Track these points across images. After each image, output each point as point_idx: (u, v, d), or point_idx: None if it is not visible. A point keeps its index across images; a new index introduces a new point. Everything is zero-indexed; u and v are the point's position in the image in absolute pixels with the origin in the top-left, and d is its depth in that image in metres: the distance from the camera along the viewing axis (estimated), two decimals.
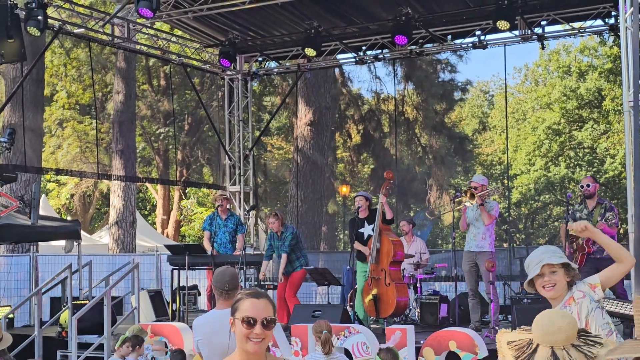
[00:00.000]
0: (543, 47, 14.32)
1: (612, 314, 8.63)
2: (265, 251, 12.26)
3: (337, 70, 25.59)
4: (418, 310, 11.91)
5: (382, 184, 11.08)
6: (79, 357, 10.54)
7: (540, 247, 4.55)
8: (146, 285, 15.74)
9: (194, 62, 16.66)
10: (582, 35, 15.42)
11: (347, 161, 31.55)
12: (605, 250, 10.12)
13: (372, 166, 30.16)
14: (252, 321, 3.35)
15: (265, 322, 3.37)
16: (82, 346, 10.75)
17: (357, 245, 11.03)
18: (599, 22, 13.63)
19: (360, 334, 9.19)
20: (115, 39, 14.42)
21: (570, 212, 10.75)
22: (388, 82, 25.49)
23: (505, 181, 35.23)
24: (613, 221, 10.10)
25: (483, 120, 42.01)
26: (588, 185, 10.40)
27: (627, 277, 10.83)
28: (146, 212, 36.01)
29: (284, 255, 11.58)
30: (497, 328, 10.15)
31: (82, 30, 13.99)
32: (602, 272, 4.60)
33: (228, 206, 12.92)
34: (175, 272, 12.07)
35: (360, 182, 32.13)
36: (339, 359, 7.03)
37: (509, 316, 11.54)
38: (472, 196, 10.37)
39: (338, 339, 9.16)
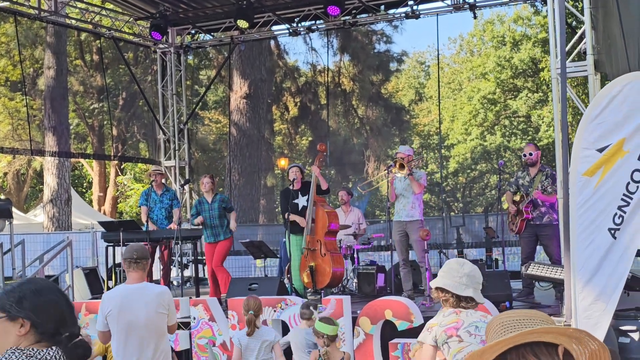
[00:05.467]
0: (475, 17, 14.39)
1: (542, 279, 8.77)
2: (191, 217, 12.13)
3: (272, 42, 25.44)
4: (355, 280, 11.95)
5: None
6: None
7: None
8: (83, 263, 15.53)
9: (126, 36, 16.37)
10: (515, 4, 15.53)
11: (285, 134, 31.49)
12: (545, 217, 10.32)
13: (309, 138, 30.16)
14: None
15: None
16: None
17: (294, 217, 10.98)
18: None
19: (297, 305, 9.19)
20: (43, 13, 14.08)
21: (513, 179, 10.89)
22: (324, 53, 25.39)
23: (443, 151, 35.59)
24: (551, 189, 10.24)
25: (419, 90, 42.26)
26: (530, 154, 10.53)
27: None
28: (82, 190, 35.50)
29: (233, 212, 11.59)
30: (432, 296, 10.26)
31: (7, 3, 13.62)
32: None
33: (163, 181, 12.75)
34: (110, 248, 11.91)
35: (298, 155, 32.09)
36: (264, 335, 7.00)
37: None
38: (402, 167, 10.41)
39: (275, 311, 9.15)
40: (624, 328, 7.47)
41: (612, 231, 5.99)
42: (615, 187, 5.98)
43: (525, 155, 10.63)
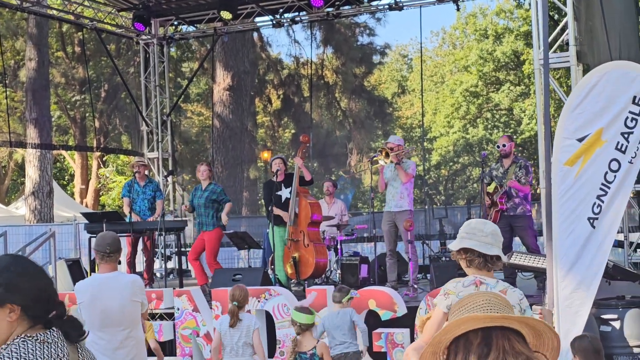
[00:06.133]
0: (458, 9, 14.45)
1: (524, 269, 8.83)
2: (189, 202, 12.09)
3: (255, 35, 25.42)
4: (339, 271, 11.98)
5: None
6: None
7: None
8: (66, 255, 15.48)
9: (109, 27, 16.29)
10: None
11: (268, 126, 31.46)
12: (519, 208, 10.39)
13: (292, 131, 30.15)
14: None
15: None
16: None
17: (277, 211, 11.00)
18: None
19: (281, 295, 9.23)
20: (25, 3, 14.00)
21: (487, 170, 10.98)
22: (307, 46, 25.37)
23: (425, 144, 35.67)
24: (524, 180, 10.33)
25: (402, 83, 42.31)
26: (504, 145, 10.62)
27: (541, 233, 11.13)
28: (64, 182, 35.34)
29: (227, 204, 11.48)
30: (415, 286, 10.31)
31: None
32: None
33: (146, 172, 12.72)
34: (93, 240, 11.85)
35: (281, 147, 32.08)
36: (246, 322, 7.03)
37: (428, 275, 11.72)
38: (387, 155, 10.45)
39: (259, 301, 9.18)
40: (605, 317, 7.54)
41: (591, 220, 6.05)
42: (594, 176, 6.04)
43: (499, 147, 10.73)
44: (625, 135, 6.03)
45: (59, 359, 2.60)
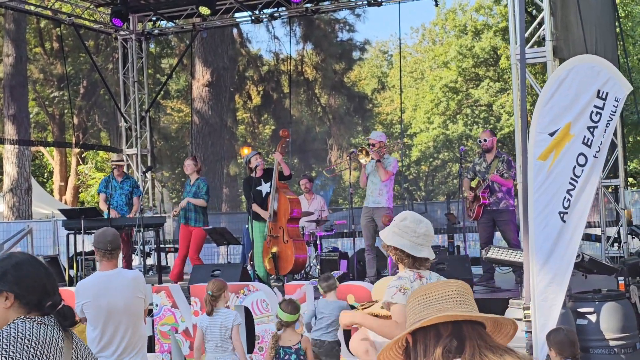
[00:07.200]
0: (437, 4, 14.49)
1: (501, 263, 8.88)
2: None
3: (235, 30, 25.37)
4: (318, 267, 12.00)
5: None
6: None
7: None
8: (44, 252, 15.42)
9: (87, 23, 16.21)
10: None
11: (248, 122, 31.40)
12: (502, 202, 10.44)
13: (272, 127, 30.09)
14: None
15: None
16: None
17: (256, 208, 11.00)
18: None
19: (260, 291, 9.23)
20: None
21: (470, 165, 11.02)
22: (287, 42, 25.37)
23: (405, 139, 35.71)
24: (507, 174, 10.38)
25: (382, 79, 42.33)
26: (485, 140, 10.68)
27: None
28: (43, 180, 35.12)
29: (201, 201, 11.46)
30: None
31: None
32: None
33: (125, 170, 12.76)
34: (72, 236, 11.83)
35: (261, 144, 32.03)
36: (223, 316, 7.04)
37: None
38: (367, 153, 10.48)
39: (237, 297, 9.17)
40: (581, 310, 7.60)
41: (562, 215, 6.09)
42: (564, 171, 6.08)
43: (481, 142, 10.77)
44: (591, 130, 6.08)
45: (55, 340, 2.83)
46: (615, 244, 11.65)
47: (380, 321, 4.46)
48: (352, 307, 8.85)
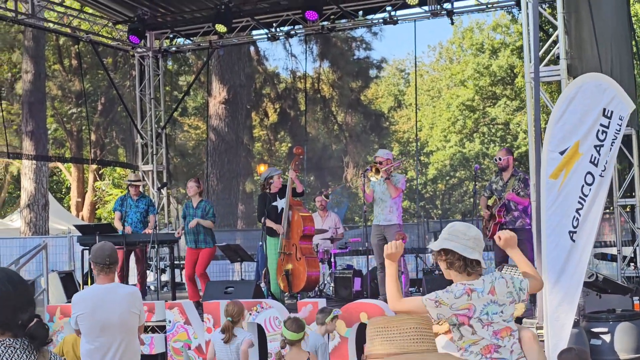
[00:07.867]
0: (452, 22, 14.50)
1: None
2: (182, 218, 12.09)
3: (252, 48, 25.45)
4: (332, 284, 11.98)
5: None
6: None
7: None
8: (60, 267, 15.46)
9: (105, 40, 16.34)
10: (492, 10, 15.67)
11: (264, 140, 31.43)
12: (518, 221, 10.39)
13: (289, 144, 30.11)
14: None
15: None
16: None
17: (270, 223, 11.00)
18: None
19: (273, 308, 9.22)
20: (20, 16, 14.03)
21: (487, 183, 11.00)
22: (304, 60, 25.38)
23: (422, 158, 35.68)
24: (523, 192, 10.33)
25: (399, 97, 42.33)
26: (500, 159, 10.67)
27: None
28: (61, 196, 35.30)
29: (210, 222, 11.46)
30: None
31: None
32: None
33: (141, 189, 12.86)
34: (87, 252, 11.86)
35: (277, 161, 32.04)
36: (240, 339, 7.02)
37: (420, 288, 11.71)
38: (377, 171, 10.48)
39: (250, 314, 9.16)
40: (595, 330, 7.54)
41: (571, 234, 6.07)
42: (574, 189, 6.06)
43: (497, 160, 10.76)
44: (597, 148, 6.06)
45: None
46: (632, 264, 11.54)
47: (395, 285, 4.43)
48: (364, 325, 8.82)
